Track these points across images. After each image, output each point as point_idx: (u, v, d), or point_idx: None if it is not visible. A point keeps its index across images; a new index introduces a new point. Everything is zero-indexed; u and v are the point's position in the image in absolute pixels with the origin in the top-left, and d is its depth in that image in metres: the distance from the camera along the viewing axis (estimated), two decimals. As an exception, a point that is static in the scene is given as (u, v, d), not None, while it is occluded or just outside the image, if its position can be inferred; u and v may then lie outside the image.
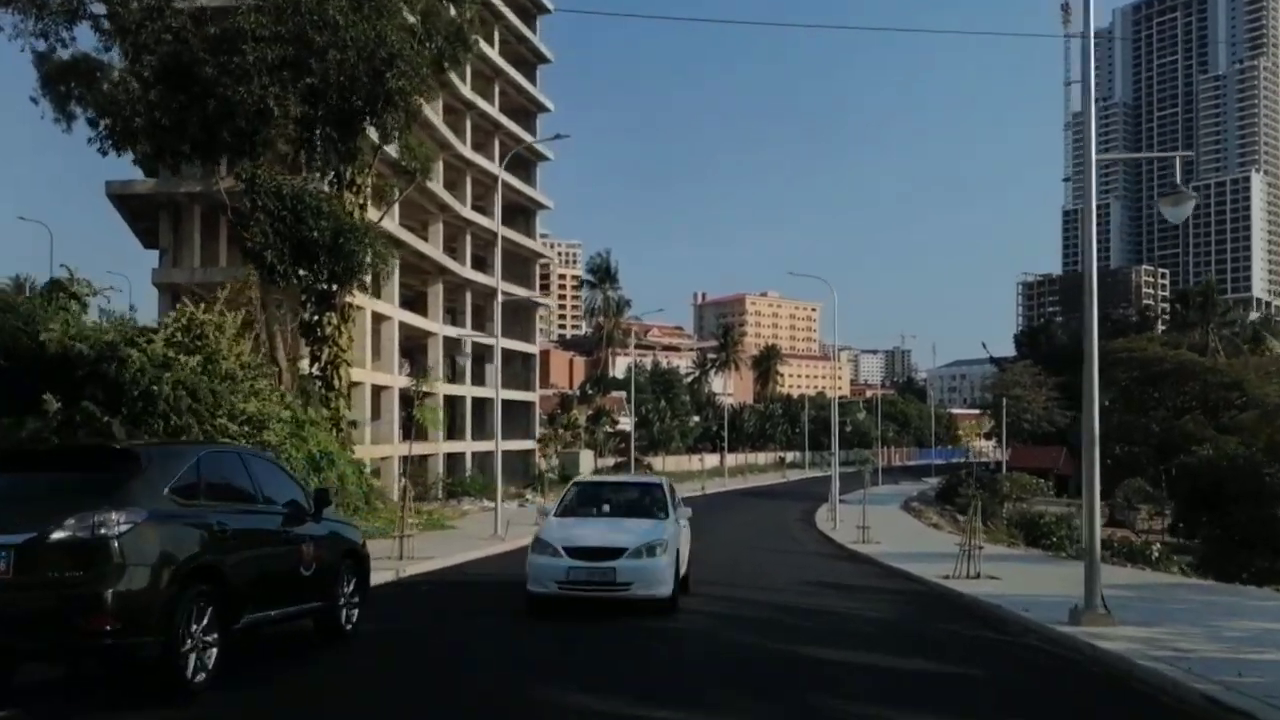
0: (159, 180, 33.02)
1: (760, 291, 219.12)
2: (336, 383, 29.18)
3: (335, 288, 29.53)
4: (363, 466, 25.57)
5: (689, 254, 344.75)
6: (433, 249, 45.74)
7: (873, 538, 25.31)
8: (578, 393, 72.96)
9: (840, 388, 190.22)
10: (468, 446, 50.04)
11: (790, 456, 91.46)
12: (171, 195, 33.09)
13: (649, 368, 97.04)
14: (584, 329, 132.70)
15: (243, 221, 21.35)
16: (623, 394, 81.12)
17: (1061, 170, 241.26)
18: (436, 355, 47.60)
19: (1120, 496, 44.86)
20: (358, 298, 36.41)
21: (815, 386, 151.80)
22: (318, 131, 21.48)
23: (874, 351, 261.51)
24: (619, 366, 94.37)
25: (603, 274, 76.54)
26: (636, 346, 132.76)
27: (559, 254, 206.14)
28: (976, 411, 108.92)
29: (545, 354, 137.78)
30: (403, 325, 44.70)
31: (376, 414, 41.67)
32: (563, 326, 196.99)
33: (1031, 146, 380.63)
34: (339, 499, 22.25)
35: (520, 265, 59.70)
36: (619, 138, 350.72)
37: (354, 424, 28.17)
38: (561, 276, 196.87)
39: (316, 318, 29.51)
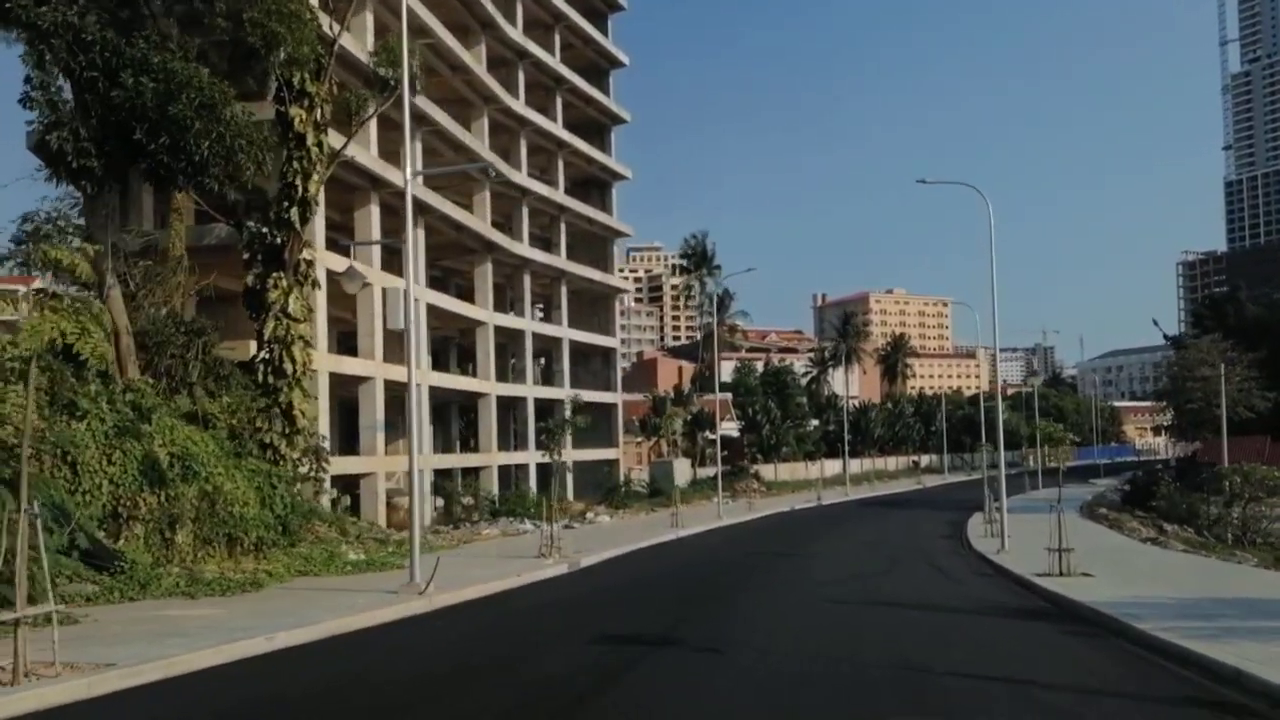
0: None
1: (885, 289, 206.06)
2: (288, 366, 21.34)
3: (283, 240, 21.86)
4: (284, 478, 17.52)
5: (809, 256, 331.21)
6: (475, 220, 37.77)
7: (1074, 565, 15.56)
8: (671, 394, 63.94)
9: (978, 380, 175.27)
10: (530, 457, 41.84)
11: (926, 460, 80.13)
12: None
13: (760, 370, 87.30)
14: (698, 335, 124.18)
15: (29, 100, 13.64)
16: (727, 396, 71.88)
17: (1221, 138, 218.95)
18: (487, 347, 39.62)
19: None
20: (331, 259, 28.69)
21: (949, 387, 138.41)
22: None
23: (1013, 350, 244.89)
24: (727, 371, 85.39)
25: (699, 259, 67.34)
26: (750, 350, 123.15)
27: (670, 265, 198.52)
28: (1148, 404, 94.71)
29: (652, 361, 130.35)
30: (437, 311, 36.93)
31: (399, 418, 33.90)
32: (676, 338, 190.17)
33: (1179, 115, 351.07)
34: (202, 527, 14.13)
35: (597, 246, 51.40)
36: (725, 115, 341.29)
37: (288, 421, 20.16)
38: (674, 287, 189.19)
39: (260, 281, 21.90)
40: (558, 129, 45.35)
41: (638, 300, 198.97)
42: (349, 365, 28.29)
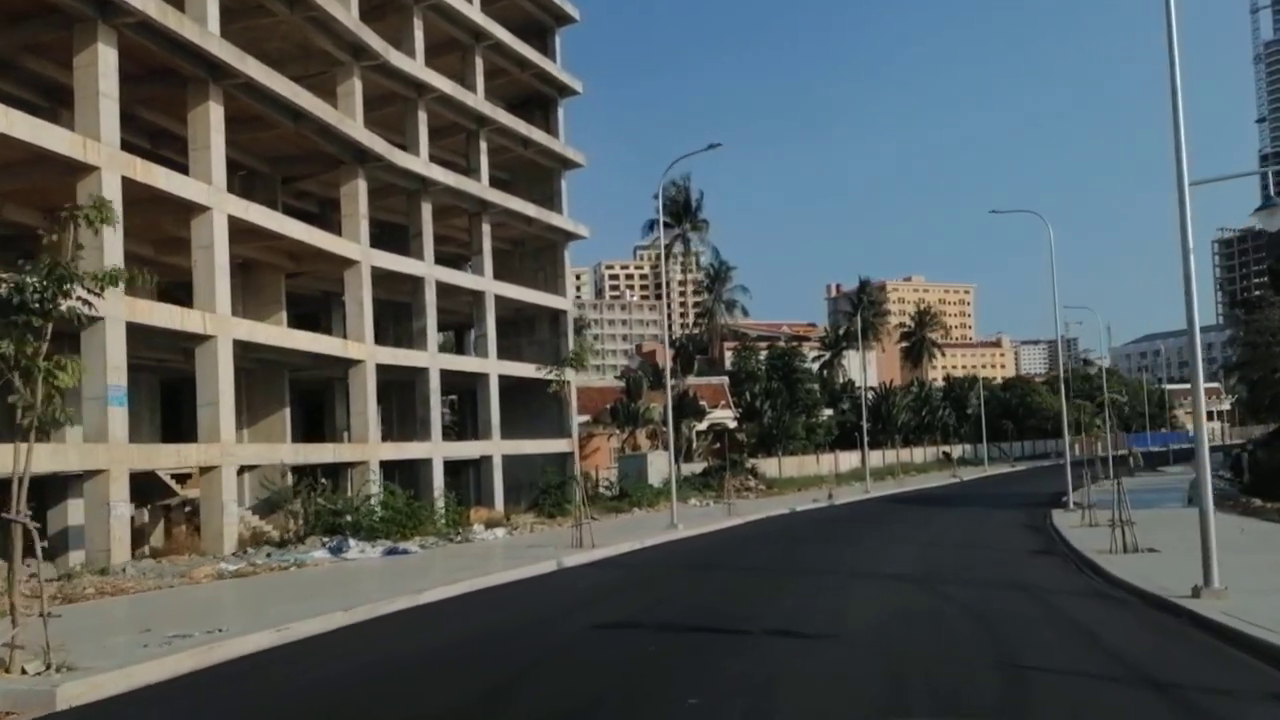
0: None
1: (904, 276, 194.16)
2: None
3: None
4: None
5: (823, 246, 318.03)
6: (326, 109, 26.44)
7: None
8: (641, 374, 52.59)
9: (1003, 369, 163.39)
10: (433, 450, 30.58)
11: (960, 451, 68.43)
12: None
13: (763, 356, 75.90)
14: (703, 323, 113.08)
15: None
16: (723, 380, 60.58)
17: (1253, 110, 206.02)
18: (359, 295, 28.40)
19: None
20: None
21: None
22: None
23: (1035, 342, 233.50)
24: (727, 359, 74.25)
25: (679, 210, 55.58)
26: (757, 339, 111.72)
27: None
28: (1213, 385, 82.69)
29: (651, 353, 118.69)
30: (287, 246, 25.73)
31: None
32: (685, 330, 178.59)
33: (1206, 90, 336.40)
34: None
35: (540, 179, 39.92)
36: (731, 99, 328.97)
37: None
38: (681, 283, 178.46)
39: None
40: (473, 11, 34.02)
41: (644, 296, 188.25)
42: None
